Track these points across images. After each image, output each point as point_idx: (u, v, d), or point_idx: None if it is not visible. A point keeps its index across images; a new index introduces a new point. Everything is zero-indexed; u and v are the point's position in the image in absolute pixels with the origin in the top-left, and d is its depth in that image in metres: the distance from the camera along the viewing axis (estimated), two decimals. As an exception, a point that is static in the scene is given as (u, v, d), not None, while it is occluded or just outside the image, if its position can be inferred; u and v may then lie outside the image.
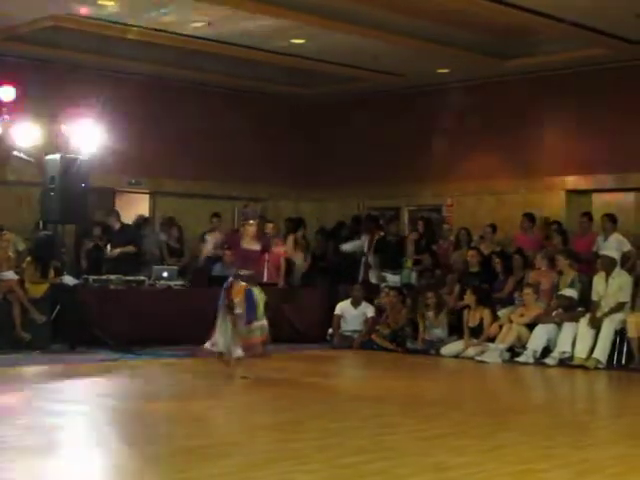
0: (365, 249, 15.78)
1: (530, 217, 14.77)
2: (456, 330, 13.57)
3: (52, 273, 13.15)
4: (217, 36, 13.85)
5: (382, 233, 15.69)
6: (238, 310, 10.19)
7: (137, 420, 7.92)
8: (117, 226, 14.93)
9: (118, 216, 15.14)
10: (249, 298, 10.26)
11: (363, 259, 15.78)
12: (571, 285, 12.82)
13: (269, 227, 14.61)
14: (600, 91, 14.96)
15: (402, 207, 17.45)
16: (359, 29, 13.33)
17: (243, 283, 10.30)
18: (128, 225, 15.31)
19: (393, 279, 15.18)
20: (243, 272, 10.36)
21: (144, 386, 10.17)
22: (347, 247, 16.12)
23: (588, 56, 14.40)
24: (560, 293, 12.73)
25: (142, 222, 16.04)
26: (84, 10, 12.45)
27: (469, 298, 13.25)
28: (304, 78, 16.73)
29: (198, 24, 13.27)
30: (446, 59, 14.93)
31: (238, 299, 10.23)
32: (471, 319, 13.23)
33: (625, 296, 12.32)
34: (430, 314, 13.69)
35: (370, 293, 14.76)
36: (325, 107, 18.07)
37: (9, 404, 8.68)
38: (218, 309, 10.38)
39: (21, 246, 13.77)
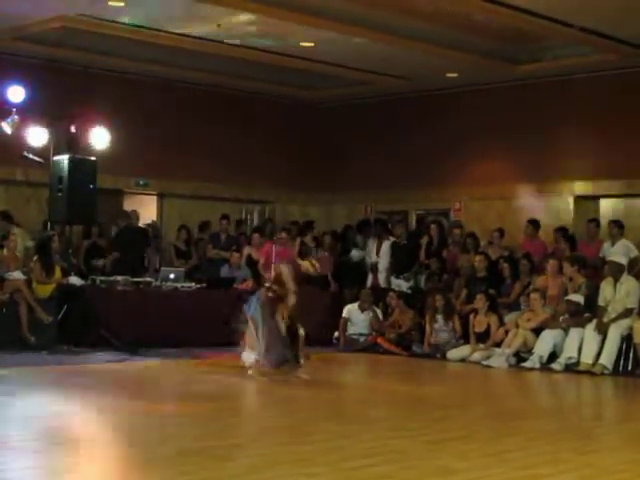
0: (373, 253, 15.79)
1: (534, 223, 14.76)
2: (462, 335, 13.56)
3: (59, 273, 13.17)
4: (226, 38, 13.86)
5: (392, 238, 15.70)
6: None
7: (142, 421, 7.92)
8: (115, 230, 15.05)
9: (128, 218, 15.24)
10: None
11: (371, 263, 15.79)
12: (579, 291, 12.80)
13: (282, 234, 14.42)
14: (609, 96, 14.94)
15: (410, 211, 17.45)
16: (368, 32, 13.33)
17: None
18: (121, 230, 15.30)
19: (397, 282, 15.19)
20: (274, 287, 10.34)
21: (149, 387, 10.17)
22: (356, 255, 16.14)
23: (597, 61, 14.40)
24: (567, 298, 12.70)
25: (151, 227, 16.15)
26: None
27: (480, 302, 13.22)
28: (312, 81, 16.75)
29: (208, 26, 13.29)
30: (455, 63, 14.93)
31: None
32: (478, 324, 13.22)
33: (633, 302, 12.29)
34: (439, 317, 13.68)
35: (378, 297, 14.78)
36: (334, 110, 18.08)
37: (10, 403, 8.69)
38: (256, 319, 10.29)
39: (29, 243, 13.79)
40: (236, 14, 12.70)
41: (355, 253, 16.23)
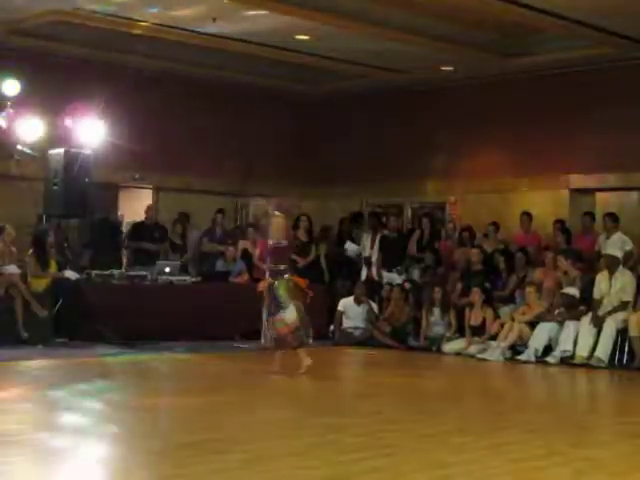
0: (367, 247, 15.80)
1: (529, 215, 14.82)
2: (457, 328, 13.57)
3: (54, 267, 13.16)
4: (221, 32, 13.84)
5: (385, 231, 15.73)
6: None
7: (137, 415, 7.92)
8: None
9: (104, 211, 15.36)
10: (270, 292, 10.24)
11: (364, 257, 15.81)
12: (574, 284, 12.82)
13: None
14: (604, 90, 14.93)
15: (405, 204, 17.44)
16: (363, 26, 13.31)
17: (270, 279, 10.22)
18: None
19: (390, 276, 15.21)
20: (277, 268, 10.27)
21: (144, 381, 10.17)
22: (350, 248, 16.14)
23: (592, 54, 14.37)
24: (562, 291, 12.73)
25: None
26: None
27: (476, 296, 13.23)
28: (307, 75, 16.72)
29: (203, 20, 13.27)
30: (450, 57, 14.91)
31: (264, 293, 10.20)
32: (473, 318, 13.24)
33: (628, 295, 12.32)
34: (436, 310, 13.69)
35: (373, 290, 14.78)
36: (328, 104, 18.05)
37: (8, 397, 8.69)
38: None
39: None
40: (231, 8, 12.66)
41: (350, 247, 16.22)
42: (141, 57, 15.37)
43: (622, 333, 12.11)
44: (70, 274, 13.38)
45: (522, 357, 12.42)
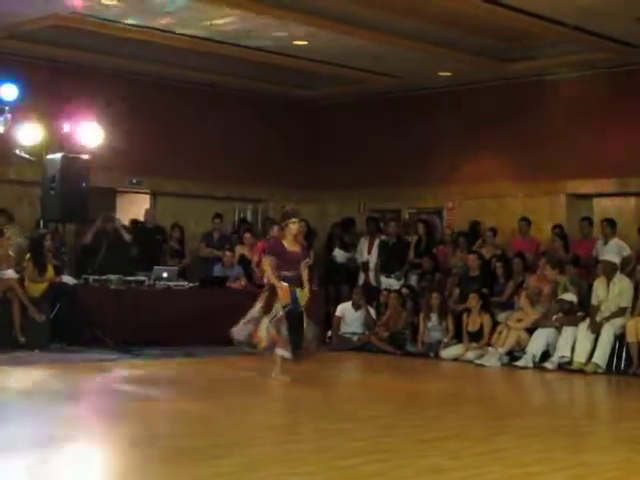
0: (365, 252, 15.80)
1: (527, 221, 14.83)
2: (454, 334, 13.57)
3: (52, 272, 13.14)
4: (219, 36, 13.85)
5: (383, 236, 15.74)
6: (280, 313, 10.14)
7: (136, 420, 7.91)
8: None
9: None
10: (293, 299, 10.22)
11: (362, 262, 15.81)
12: (565, 289, 12.82)
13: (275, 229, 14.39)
14: (601, 95, 14.95)
15: (403, 209, 17.43)
16: (362, 31, 13.32)
17: (286, 284, 10.23)
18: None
19: (388, 282, 15.21)
20: (287, 274, 10.27)
21: (142, 386, 10.16)
22: (339, 255, 16.16)
23: (590, 60, 14.40)
24: (560, 297, 12.72)
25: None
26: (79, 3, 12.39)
27: (473, 301, 13.23)
28: (306, 79, 16.73)
29: (200, 24, 13.27)
30: (448, 62, 14.93)
31: (284, 301, 10.16)
32: (471, 323, 13.23)
33: (626, 301, 12.31)
34: (434, 316, 13.68)
35: (370, 296, 14.77)
36: (327, 108, 18.06)
37: (6, 403, 8.68)
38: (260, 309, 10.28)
39: (19, 239, 13.68)
40: (229, 12, 12.67)
41: (338, 254, 16.24)
42: (138, 61, 15.38)
43: (620, 339, 12.11)
44: (68, 279, 13.37)
45: (520, 363, 12.41)
